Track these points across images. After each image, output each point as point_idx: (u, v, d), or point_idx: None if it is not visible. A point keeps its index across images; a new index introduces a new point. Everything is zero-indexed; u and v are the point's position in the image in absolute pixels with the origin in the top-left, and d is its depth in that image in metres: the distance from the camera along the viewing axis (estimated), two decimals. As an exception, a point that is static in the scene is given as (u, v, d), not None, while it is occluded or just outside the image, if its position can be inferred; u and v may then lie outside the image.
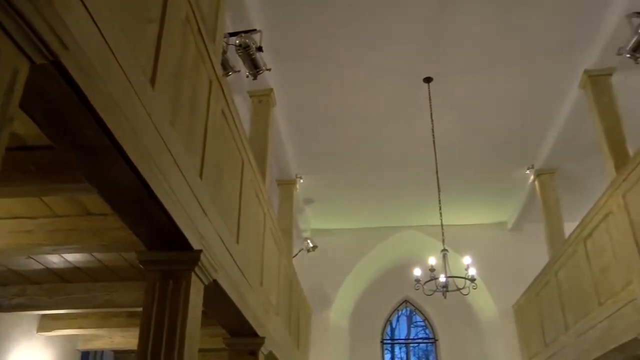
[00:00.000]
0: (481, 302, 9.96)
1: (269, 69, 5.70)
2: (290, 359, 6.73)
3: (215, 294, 3.33)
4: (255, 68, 5.53)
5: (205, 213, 2.99)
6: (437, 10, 5.43)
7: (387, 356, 10.96)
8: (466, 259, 6.29)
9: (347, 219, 10.16)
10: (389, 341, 11.12)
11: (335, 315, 10.06)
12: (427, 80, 6.39)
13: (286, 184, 8.39)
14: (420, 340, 11.23)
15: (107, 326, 5.56)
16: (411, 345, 11.24)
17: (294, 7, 5.39)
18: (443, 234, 6.57)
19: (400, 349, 11.23)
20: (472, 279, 6.11)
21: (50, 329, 5.63)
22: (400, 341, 11.23)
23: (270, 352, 5.03)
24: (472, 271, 6.17)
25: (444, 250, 6.40)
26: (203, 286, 2.92)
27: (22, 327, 5.46)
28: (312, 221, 10.20)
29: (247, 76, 5.65)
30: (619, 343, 5.02)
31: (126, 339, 6.37)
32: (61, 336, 5.96)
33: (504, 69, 6.22)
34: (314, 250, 9.16)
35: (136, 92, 2.07)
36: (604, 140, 5.65)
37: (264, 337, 4.62)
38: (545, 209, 8.00)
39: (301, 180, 8.51)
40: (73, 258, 4.08)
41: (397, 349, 11.21)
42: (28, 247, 3.30)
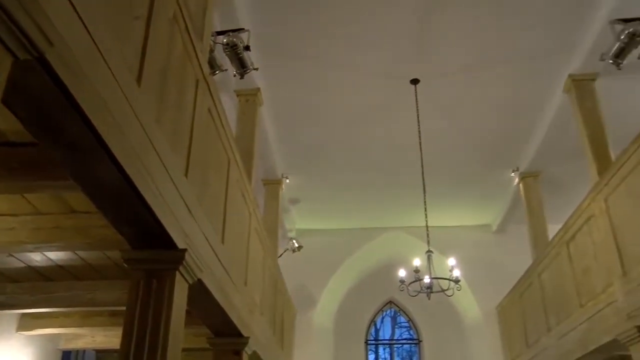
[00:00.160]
0: (465, 304, 10.03)
1: (256, 69, 5.69)
2: (274, 359, 6.73)
3: (200, 293, 3.32)
4: (242, 67, 5.52)
5: (191, 212, 2.97)
6: (425, 13, 5.47)
7: (371, 357, 10.98)
8: (450, 261, 6.33)
9: (333, 220, 10.18)
10: (373, 342, 11.15)
11: (319, 316, 10.07)
12: (414, 82, 6.43)
13: (272, 184, 8.38)
14: (404, 341, 11.27)
15: (90, 325, 5.51)
16: (395, 346, 11.28)
17: (283, 7, 5.38)
18: (428, 235, 6.60)
19: (384, 349, 11.26)
20: (457, 281, 6.15)
21: (30, 328, 5.56)
22: (384, 342, 11.26)
23: (254, 352, 5.03)
24: (457, 272, 6.21)
25: (429, 251, 6.43)
26: (187, 285, 2.91)
27: (1, 326, 5.39)
28: (298, 221, 10.20)
29: (234, 75, 5.64)
30: (598, 344, 5.09)
31: (109, 338, 6.33)
32: (42, 335, 5.90)
33: (490, 72, 6.28)
34: (299, 251, 9.17)
35: (122, 90, 2.06)
36: (587, 145, 5.72)
37: (248, 337, 4.61)
38: (529, 212, 8.09)
39: (287, 180, 8.51)
40: (56, 256, 4.03)
41: (381, 349, 11.24)
42: (10, 245, 3.26)
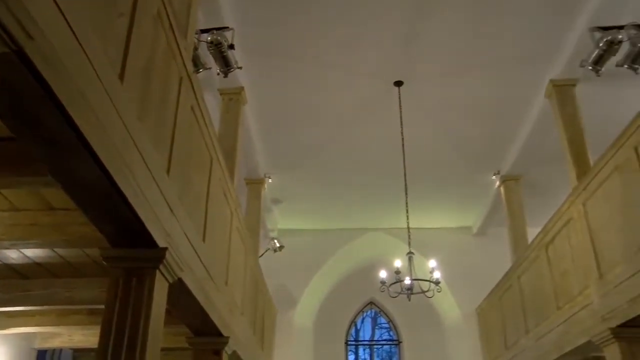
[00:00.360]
0: (445, 305, 10.11)
1: (240, 67, 5.67)
2: (254, 358, 6.71)
3: (180, 292, 3.29)
4: (226, 66, 5.50)
5: (172, 210, 2.95)
6: (411, 16, 5.50)
7: (351, 357, 11.02)
8: (431, 262, 6.37)
9: (315, 220, 10.18)
10: (353, 342, 11.18)
11: (300, 316, 10.06)
12: (398, 83, 6.46)
13: (254, 183, 8.36)
14: (385, 342, 11.32)
15: (67, 324, 5.44)
16: (375, 346, 11.33)
17: (268, 6, 5.37)
18: (409, 236, 6.64)
19: (364, 350, 11.30)
20: (437, 282, 6.19)
21: (5, 327, 5.46)
22: (364, 342, 11.30)
23: (234, 352, 5.00)
24: (437, 274, 6.26)
25: (410, 253, 6.47)
26: (167, 284, 2.88)
27: (-26, 325, 5.30)
28: (280, 221, 10.18)
29: (218, 74, 5.61)
30: (574, 345, 5.18)
31: (86, 337, 6.25)
32: (17, 334, 5.80)
33: (473, 76, 6.34)
34: (280, 251, 9.16)
35: (104, 86, 2.03)
36: (567, 149, 5.79)
37: (228, 337, 4.59)
38: (509, 214, 8.17)
39: (270, 180, 8.49)
40: (33, 253, 3.98)
41: (361, 350, 11.28)
42: (-15, 242, 3.20)
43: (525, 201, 8.14)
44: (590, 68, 5.50)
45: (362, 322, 11.40)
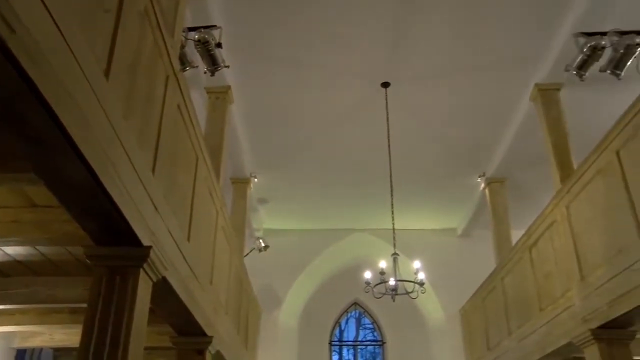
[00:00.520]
0: (429, 306, 10.16)
1: (227, 66, 5.65)
2: (238, 358, 6.68)
3: (164, 291, 3.27)
4: (213, 64, 5.48)
5: (157, 209, 2.93)
6: (398, 17, 5.52)
7: (335, 358, 11.03)
8: (416, 264, 6.40)
9: (300, 220, 10.18)
10: (337, 343, 11.20)
11: (284, 316, 10.06)
12: (385, 85, 6.48)
13: (240, 183, 8.34)
14: (368, 343, 11.35)
15: (48, 323, 5.37)
16: (359, 347, 11.35)
17: (256, 6, 5.36)
18: (394, 237, 6.66)
19: (348, 350, 11.32)
20: (421, 283, 6.22)
21: (-16, 325, 5.39)
22: (348, 343, 11.32)
23: (217, 352, 4.98)
24: (421, 275, 6.29)
25: (395, 254, 6.49)
26: (151, 283, 2.87)
27: (-46, 323, 5.21)
28: (265, 221, 10.17)
29: (205, 72, 5.59)
30: (556, 347, 5.24)
31: (68, 336, 6.18)
32: (-3, 333, 5.73)
33: (460, 78, 6.38)
34: (265, 250, 9.15)
35: (89, 83, 2.01)
36: (552, 152, 5.85)
37: (212, 337, 4.57)
38: (494, 217, 8.24)
39: (255, 179, 8.47)
40: (13, 251, 3.92)
41: (345, 350, 11.30)
42: (-35, 239, 3.16)
43: (509, 203, 8.22)
44: (575, 73, 5.57)
45: (347, 323, 11.43)
